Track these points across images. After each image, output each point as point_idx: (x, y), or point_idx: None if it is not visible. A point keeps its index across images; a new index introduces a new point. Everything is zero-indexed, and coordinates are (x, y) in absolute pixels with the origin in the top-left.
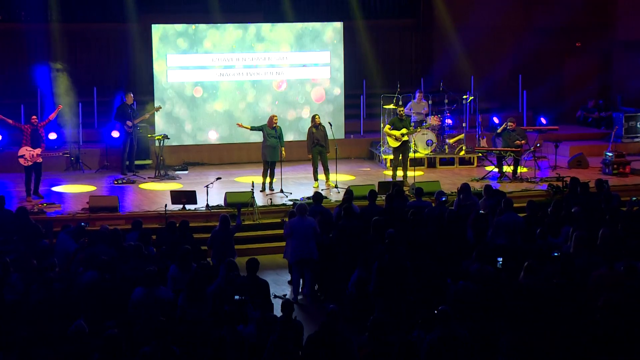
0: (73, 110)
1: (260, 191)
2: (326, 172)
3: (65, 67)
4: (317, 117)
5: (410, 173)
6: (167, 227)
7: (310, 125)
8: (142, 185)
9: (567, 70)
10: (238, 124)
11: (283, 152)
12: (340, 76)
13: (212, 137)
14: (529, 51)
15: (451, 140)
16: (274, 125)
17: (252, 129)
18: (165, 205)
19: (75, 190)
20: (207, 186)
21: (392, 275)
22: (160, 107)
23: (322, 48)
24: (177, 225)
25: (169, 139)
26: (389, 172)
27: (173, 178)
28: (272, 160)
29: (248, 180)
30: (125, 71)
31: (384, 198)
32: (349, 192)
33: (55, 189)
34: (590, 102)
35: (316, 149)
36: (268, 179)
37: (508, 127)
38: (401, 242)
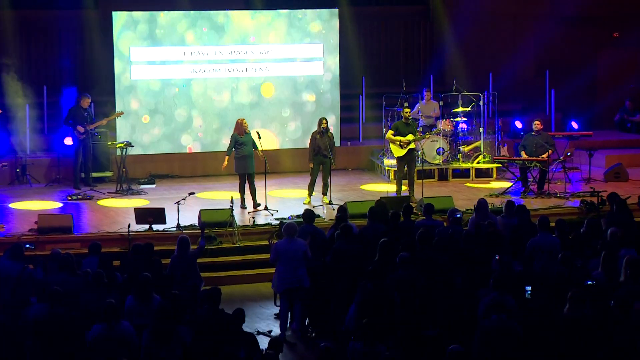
0: (19, 113)
1: (242, 208)
2: (325, 187)
3: (9, 62)
4: (324, 121)
5: (417, 187)
6: (132, 251)
7: (315, 130)
8: (101, 202)
9: (602, 66)
10: (224, 168)
11: (260, 154)
12: (335, 73)
13: (185, 144)
14: (557, 43)
15: (466, 149)
16: (245, 130)
17: (229, 151)
18: (129, 226)
19: (21, 207)
20: (178, 203)
21: (376, 309)
22: (122, 113)
23: (313, 40)
24: (140, 248)
25: (132, 147)
26: (392, 186)
27: (138, 193)
28: (248, 173)
29: (227, 195)
30: (81, 67)
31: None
32: (342, 210)
33: None
34: (629, 103)
35: (318, 158)
36: (248, 194)
37: (533, 128)
38: (412, 267)
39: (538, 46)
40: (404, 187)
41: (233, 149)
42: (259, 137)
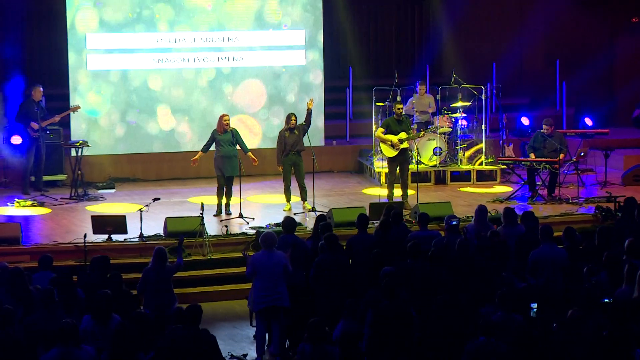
0: None
1: (214, 215)
2: (302, 191)
3: None
4: (293, 117)
5: (411, 192)
6: (92, 264)
7: (283, 127)
8: (53, 209)
9: (619, 55)
10: (193, 162)
11: (252, 158)
12: (318, 63)
13: (149, 143)
14: (569, 29)
15: (467, 153)
16: (226, 127)
17: (204, 148)
18: (85, 236)
19: None
20: (141, 210)
21: (393, 328)
22: (79, 107)
23: (294, 25)
24: (95, 262)
25: (89, 146)
26: (384, 191)
27: (95, 199)
28: (228, 175)
29: (196, 201)
30: (29, 56)
31: (376, 225)
32: (320, 218)
33: None
34: None
35: (289, 158)
36: (224, 200)
37: (543, 131)
38: (402, 284)
39: (547, 32)
40: (396, 192)
41: (213, 148)
42: (237, 136)
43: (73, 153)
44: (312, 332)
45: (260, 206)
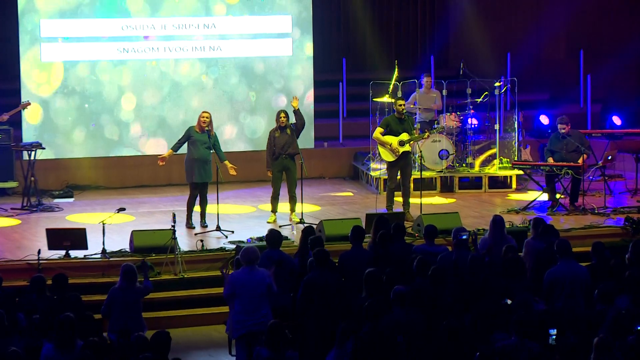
0: None
1: (188, 228)
2: (292, 201)
3: None
4: (282, 114)
5: (414, 200)
6: (32, 284)
7: (273, 127)
8: (3, 221)
9: None
10: (160, 160)
11: (229, 168)
12: (307, 53)
13: (112, 146)
14: (594, 14)
15: (478, 160)
16: (205, 127)
17: (176, 147)
18: (39, 252)
19: None
20: (103, 222)
21: (376, 357)
22: (29, 103)
23: (279, 10)
24: (52, 282)
25: (44, 149)
26: (382, 200)
27: (51, 209)
28: (202, 182)
29: (167, 211)
30: None
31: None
32: (308, 231)
33: None
34: None
35: (279, 162)
36: (198, 209)
37: (559, 130)
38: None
39: (569, 18)
40: (397, 201)
41: (181, 145)
42: (216, 141)
43: (25, 157)
44: (270, 336)
45: (241, 217)
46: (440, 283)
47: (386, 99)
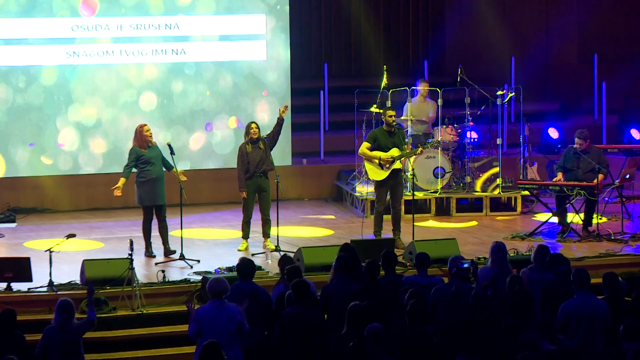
0: None
1: (147, 256)
2: (266, 225)
3: None
4: (253, 126)
5: (405, 226)
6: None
7: (243, 141)
8: None
9: None
10: (115, 191)
11: (179, 175)
12: (283, 57)
13: (60, 163)
14: (609, 15)
15: (479, 181)
16: (149, 141)
17: (127, 173)
18: None
19: None
20: (50, 250)
21: None
22: None
23: (253, 9)
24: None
25: None
26: (369, 224)
27: None
28: (156, 204)
29: (124, 237)
30: None
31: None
32: (286, 259)
33: None
34: None
35: (253, 182)
36: (157, 236)
37: (576, 147)
38: (393, 347)
39: (582, 19)
40: (386, 225)
41: (134, 170)
42: (172, 153)
43: None
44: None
45: (208, 244)
46: (423, 320)
47: (374, 109)
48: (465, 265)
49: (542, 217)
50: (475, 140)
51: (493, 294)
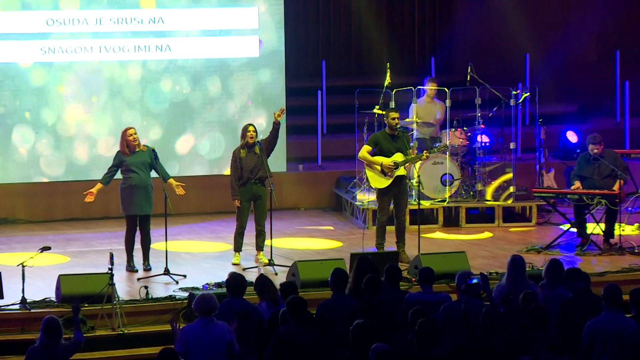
0: None
1: (129, 271)
2: (259, 236)
3: None
4: (251, 128)
5: (410, 238)
6: None
7: (238, 145)
8: None
9: None
10: (88, 196)
11: (175, 186)
12: (277, 54)
13: (34, 171)
14: (631, 9)
15: (490, 188)
16: (135, 145)
17: (106, 179)
18: None
19: None
20: (23, 264)
21: None
22: None
23: (244, 1)
24: None
25: None
26: (371, 235)
27: None
28: (143, 214)
29: (103, 250)
30: None
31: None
32: (263, 282)
33: None
34: None
35: (248, 189)
36: (140, 249)
37: (591, 152)
38: None
39: (603, 13)
40: (389, 237)
41: (113, 176)
42: (156, 158)
43: None
44: None
45: (195, 258)
46: (432, 341)
47: (376, 110)
48: (475, 281)
49: (560, 228)
50: (487, 144)
51: (507, 312)
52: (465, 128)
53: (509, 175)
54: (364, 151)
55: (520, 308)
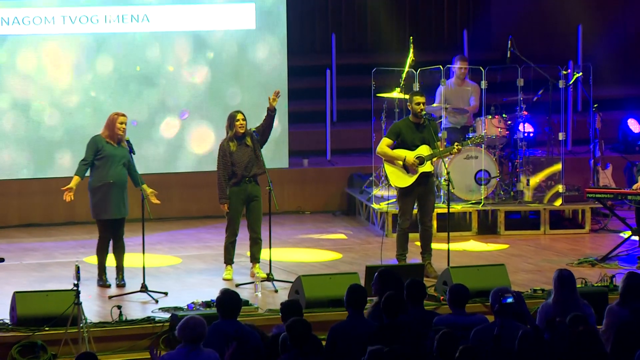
0: None
1: (100, 286)
2: (254, 244)
3: None
4: (239, 116)
5: (438, 246)
6: None
7: (225, 137)
8: None
9: None
10: (66, 193)
11: (149, 194)
12: (278, 28)
13: None
14: None
15: (533, 181)
16: (119, 134)
17: (82, 170)
18: None
19: None
20: None
21: None
22: None
23: None
24: None
25: None
26: (391, 244)
27: None
28: (117, 217)
29: (68, 262)
30: None
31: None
32: (285, 307)
33: None
34: None
35: (241, 190)
36: (114, 261)
37: None
38: None
39: None
40: (412, 246)
41: (89, 168)
42: (132, 152)
43: None
44: None
45: (178, 272)
46: None
47: (396, 94)
48: (509, 300)
49: (619, 236)
50: (531, 135)
51: (553, 337)
52: (504, 115)
53: (557, 167)
54: (384, 145)
55: (568, 333)
